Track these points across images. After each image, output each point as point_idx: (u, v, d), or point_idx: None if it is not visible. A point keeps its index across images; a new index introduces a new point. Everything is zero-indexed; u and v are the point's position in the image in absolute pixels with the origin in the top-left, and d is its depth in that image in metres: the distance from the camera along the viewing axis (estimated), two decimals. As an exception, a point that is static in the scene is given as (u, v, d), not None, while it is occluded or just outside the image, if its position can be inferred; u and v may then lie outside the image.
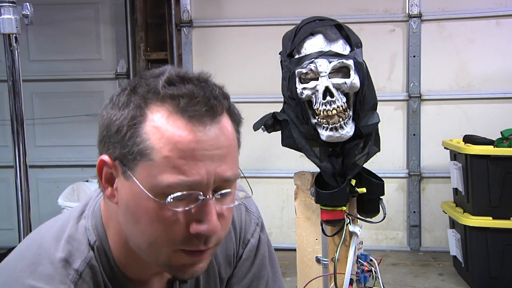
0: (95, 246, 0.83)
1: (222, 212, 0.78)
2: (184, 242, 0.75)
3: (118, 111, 0.75)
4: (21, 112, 1.83)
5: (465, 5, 3.67)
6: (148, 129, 0.73)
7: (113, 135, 0.75)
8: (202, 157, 0.73)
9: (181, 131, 0.72)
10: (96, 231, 0.84)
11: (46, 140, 4.01)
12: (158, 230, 0.75)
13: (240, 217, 1.02)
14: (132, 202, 0.75)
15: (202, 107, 0.73)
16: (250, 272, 1.04)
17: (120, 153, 0.74)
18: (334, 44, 1.40)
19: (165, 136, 0.72)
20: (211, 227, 0.74)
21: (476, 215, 2.93)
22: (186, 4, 3.88)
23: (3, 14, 1.74)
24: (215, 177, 0.74)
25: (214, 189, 0.75)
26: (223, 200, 0.78)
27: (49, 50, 4.01)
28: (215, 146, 0.74)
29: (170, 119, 0.73)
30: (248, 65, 3.83)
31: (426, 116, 3.76)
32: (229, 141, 0.77)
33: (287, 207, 3.86)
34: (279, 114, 1.49)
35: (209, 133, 0.74)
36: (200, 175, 0.73)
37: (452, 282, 3.19)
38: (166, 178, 0.72)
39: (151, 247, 0.76)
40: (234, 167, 0.78)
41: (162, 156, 0.72)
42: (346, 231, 1.47)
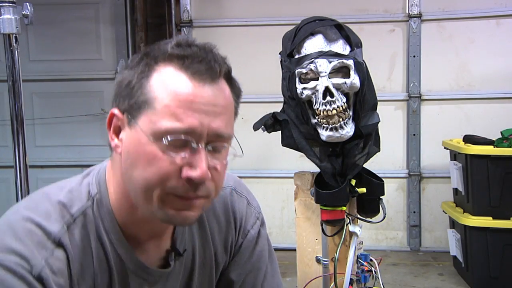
0: (95, 198, 0.91)
1: (214, 166, 0.85)
2: (176, 187, 0.82)
3: (130, 70, 0.86)
4: (21, 112, 1.83)
5: (465, 5, 3.67)
6: (154, 82, 0.83)
7: (123, 89, 0.86)
8: (198, 110, 0.82)
9: (183, 85, 0.82)
10: (98, 186, 0.92)
11: (46, 140, 4.01)
12: (154, 173, 0.82)
13: (241, 208, 1.08)
14: (133, 148, 0.84)
15: (203, 67, 0.83)
16: (249, 262, 1.07)
17: (128, 104, 0.85)
18: (334, 44, 1.40)
19: (168, 88, 0.82)
20: (200, 173, 0.81)
21: (476, 215, 2.93)
22: (186, 4, 3.88)
23: (3, 14, 1.74)
24: (209, 130, 0.83)
25: (208, 142, 0.83)
26: (216, 155, 0.86)
27: (49, 50, 4.00)
28: (211, 102, 0.83)
29: (175, 74, 0.83)
30: (248, 65, 3.83)
31: (426, 116, 3.76)
32: (226, 103, 0.86)
33: (287, 207, 3.86)
34: (279, 114, 1.49)
35: (208, 90, 0.83)
36: (194, 124, 0.81)
37: (452, 282, 3.19)
38: (164, 123, 0.81)
39: (146, 189, 0.83)
40: (228, 126, 0.86)
41: (163, 105, 0.81)
42: (346, 231, 1.47)
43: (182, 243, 1.00)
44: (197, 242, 1.03)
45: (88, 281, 0.88)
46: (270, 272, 1.11)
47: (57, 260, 0.83)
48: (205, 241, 1.04)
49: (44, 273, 0.81)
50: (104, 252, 0.90)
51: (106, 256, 0.90)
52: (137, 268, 0.93)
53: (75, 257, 0.86)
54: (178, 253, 0.98)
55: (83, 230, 0.88)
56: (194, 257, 1.02)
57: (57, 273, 0.83)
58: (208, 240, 1.04)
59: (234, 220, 1.07)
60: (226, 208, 1.08)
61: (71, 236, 0.86)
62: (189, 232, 1.02)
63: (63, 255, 0.84)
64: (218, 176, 0.87)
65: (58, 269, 0.83)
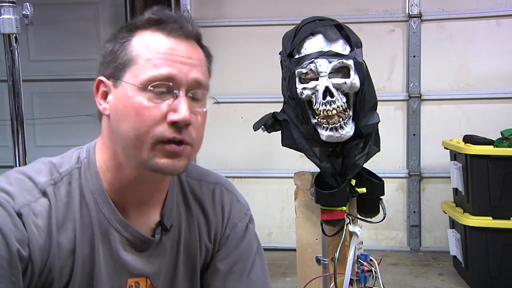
0: (83, 161, 1.00)
1: (195, 112, 0.95)
2: (163, 132, 0.91)
3: (112, 41, 0.97)
4: (21, 112, 1.83)
5: (465, 5, 3.67)
6: (136, 43, 0.94)
7: (107, 56, 0.96)
8: (177, 61, 0.93)
9: (161, 42, 0.93)
10: (87, 152, 1.01)
11: (46, 140, 4.01)
12: (142, 120, 0.91)
13: (230, 202, 1.15)
14: (121, 104, 0.93)
15: (178, 27, 0.95)
16: (235, 252, 1.12)
17: (113, 68, 0.95)
18: (334, 44, 1.40)
19: (148, 45, 0.93)
20: (183, 116, 0.91)
21: (476, 215, 2.93)
22: (186, 4, 3.88)
23: (3, 14, 1.74)
24: (188, 78, 0.93)
25: (188, 90, 0.93)
26: (196, 102, 0.96)
27: (49, 50, 4.01)
28: (187, 55, 0.94)
29: (153, 35, 0.94)
30: (248, 65, 3.83)
31: (426, 116, 3.76)
32: (200, 57, 0.98)
33: (287, 207, 3.86)
34: (279, 114, 1.49)
35: (183, 46, 0.95)
36: (173, 72, 0.92)
37: (452, 282, 3.19)
38: (147, 73, 0.91)
39: (137, 139, 0.91)
40: (204, 76, 0.97)
41: (145, 59, 0.92)
42: (346, 231, 1.47)
43: (169, 220, 1.05)
44: (183, 224, 1.08)
45: (69, 233, 0.94)
46: (259, 266, 1.13)
47: (40, 206, 0.92)
48: (191, 225, 1.09)
49: (24, 210, 0.90)
50: (88, 210, 0.97)
51: (90, 214, 0.97)
52: (121, 226, 0.98)
53: (58, 209, 0.94)
54: (165, 228, 1.04)
55: (69, 187, 0.96)
56: (180, 236, 1.07)
57: (37, 215, 0.91)
58: (194, 224, 1.09)
59: (222, 212, 1.13)
60: (214, 200, 1.13)
61: (56, 190, 0.95)
62: (177, 212, 1.07)
63: (46, 203, 0.93)
64: (199, 124, 0.97)
65: (38, 212, 0.91)
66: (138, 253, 1.01)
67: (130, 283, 1.01)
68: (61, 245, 0.93)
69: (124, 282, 1.00)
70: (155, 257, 1.03)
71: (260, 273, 1.13)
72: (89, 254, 0.96)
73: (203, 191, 1.13)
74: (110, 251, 0.98)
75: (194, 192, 1.12)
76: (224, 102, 3.83)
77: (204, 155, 3.93)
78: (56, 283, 0.93)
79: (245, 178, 3.84)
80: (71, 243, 0.94)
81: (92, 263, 0.96)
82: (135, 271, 1.01)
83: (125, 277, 1.00)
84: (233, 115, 3.84)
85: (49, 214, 0.93)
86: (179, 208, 1.08)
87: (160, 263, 1.04)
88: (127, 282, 1.00)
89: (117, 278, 0.99)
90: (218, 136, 3.85)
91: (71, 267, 0.94)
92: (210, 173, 1.18)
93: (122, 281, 1.00)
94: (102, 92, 0.98)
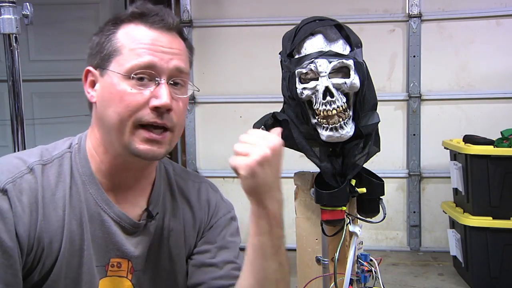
0: (74, 147, 1.06)
1: (176, 98, 1.01)
2: (144, 115, 0.97)
3: (98, 34, 1.05)
4: (21, 112, 1.83)
5: (465, 5, 3.67)
6: (120, 35, 1.01)
7: (94, 48, 1.04)
8: (158, 50, 0.99)
9: (144, 33, 1.00)
10: (79, 140, 1.08)
11: (46, 140, 3.96)
12: (125, 105, 0.97)
13: (215, 199, 1.21)
14: (107, 91, 1.00)
15: (160, 19, 1.01)
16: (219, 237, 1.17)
17: (99, 58, 1.02)
18: (334, 44, 1.40)
19: (132, 37, 1.00)
20: (164, 101, 0.97)
21: (476, 215, 2.93)
22: (186, 4, 3.88)
23: (3, 14, 1.74)
24: (169, 66, 0.99)
25: (169, 78, 1.00)
26: (177, 89, 1.02)
27: (49, 50, 4.00)
28: (168, 45, 1.01)
29: (136, 27, 1.01)
30: (248, 65, 3.83)
31: (426, 116, 3.76)
32: (181, 48, 1.04)
33: (287, 207, 3.83)
34: (279, 114, 1.49)
35: (165, 37, 1.01)
36: (154, 60, 0.98)
37: (452, 282, 3.19)
38: (130, 62, 0.98)
39: (119, 122, 0.97)
40: (185, 65, 1.03)
41: (129, 49, 0.99)
42: (346, 231, 1.47)
43: (155, 208, 1.10)
44: (168, 214, 1.13)
45: (58, 211, 0.99)
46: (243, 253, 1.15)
47: (25, 182, 0.96)
48: (176, 216, 1.15)
49: (9, 186, 0.94)
50: (77, 190, 1.02)
51: (79, 194, 1.02)
52: (108, 206, 1.04)
53: (45, 187, 0.98)
54: (151, 215, 1.09)
55: (60, 169, 1.02)
56: (163, 225, 1.12)
57: (22, 192, 0.95)
58: (179, 216, 1.15)
59: (208, 206, 1.19)
60: (200, 195, 1.18)
61: (45, 170, 1.00)
62: (162, 202, 1.12)
63: (32, 180, 0.97)
64: (180, 110, 1.02)
65: (23, 188, 0.95)
66: (123, 234, 1.05)
67: (112, 262, 1.05)
68: (49, 221, 0.97)
69: (107, 261, 1.05)
70: (139, 242, 1.07)
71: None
72: (77, 231, 1.01)
73: (189, 187, 1.19)
74: (98, 229, 1.03)
75: (180, 187, 1.18)
76: (224, 102, 3.83)
77: (204, 155, 3.93)
78: (46, 258, 0.97)
79: (245, 178, 3.83)
80: (59, 219, 0.99)
81: (81, 241, 1.01)
82: (119, 252, 1.05)
83: (108, 256, 1.04)
84: (233, 115, 3.84)
85: (34, 190, 0.97)
86: (165, 199, 1.14)
87: (143, 248, 1.08)
88: (110, 261, 1.05)
89: (103, 256, 1.04)
90: (218, 136, 3.85)
91: (60, 243, 0.98)
92: (197, 175, 1.26)
93: (105, 260, 1.04)
94: (90, 81, 1.05)
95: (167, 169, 1.19)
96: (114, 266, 1.05)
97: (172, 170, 1.19)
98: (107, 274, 1.05)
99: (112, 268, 1.05)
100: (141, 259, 1.08)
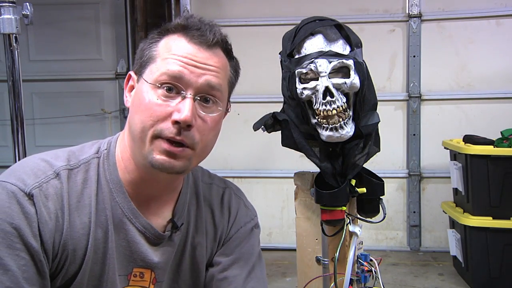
0: (103, 152, 1.04)
1: (202, 116, 0.98)
2: (164, 128, 0.94)
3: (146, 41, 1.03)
4: (21, 112, 1.83)
5: (465, 5, 3.67)
6: (161, 45, 1.00)
7: (138, 54, 1.03)
8: (191, 64, 0.97)
9: (181, 45, 0.98)
10: (108, 144, 1.06)
11: (46, 140, 4.01)
12: (149, 115, 0.95)
13: (237, 206, 1.18)
14: (137, 98, 0.99)
15: (200, 34, 0.99)
16: (237, 251, 1.14)
17: (139, 64, 1.01)
18: (334, 44, 1.40)
19: (169, 47, 0.99)
20: (184, 116, 0.93)
21: (476, 215, 2.93)
22: (186, 4, 3.88)
23: (3, 14, 1.74)
24: (198, 80, 0.96)
25: (197, 93, 0.97)
26: (205, 107, 0.99)
27: (49, 50, 4.01)
28: (203, 62, 0.98)
29: (177, 39, 1.00)
30: (248, 65, 3.80)
31: (426, 116, 3.76)
32: (219, 65, 1.01)
33: (287, 207, 3.86)
34: (279, 114, 1.49)
35: (203, 53, 0.99)
36: (184, 72, 0.96)
37: (452, 282, 3.19)
38: (160, 71, 0.96)
39: (142, 130, 0.96)
40: (219, 82, 1.00)
41: (162, 58, 0.98)
42: (346, 231, 1.47)
43: (180, 219, 1.08)
44: (192, 224, 1.11)
45: (83, 218, 0.97)
46: (258, 272, 1.14)
47: (51, 187, 0.94)
48: (199, 226, 1.12)
49: (35, 191, 0.92)
50: (103, 198, 1.00)
51: (104, 202, 1.00)
52: (134, 216, 1.02)
53: (71, 193, 0.97)
54: (176, 226, 1.07)
55: (86, 175, 1.00)
56: (188, 235, 1.10)
57: (48, 197, 0.93)
58: (202, 226, 1.12)
59: (228, 214, 1.16)
60: (223, 203, 1.16)
61: (72, 175, 0.98)
62: (188, 212, 1.10)
63: (58, 185, 0.96)
64: (206, 128, 0.99)
65: (49, 194, 0.94)
66: (148, 245, 1.04)
67: (135, 272, 1.04)
68: (74, 228, 0.96)
69: (130, 270, 1.03)
70: (163, 252, 1.06)
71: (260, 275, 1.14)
72: (102, 239, 0.99)
73: (213, 194, 1.17)
74: (122, 239, 1.01)
75: (205, 195, 1.16)
76: (224, 102, 3.82)
77: (204, 155, 3.92)
78: (70, 265, 0.96)
79: (245, 178, 3.84)
80: (85, 227, 0.97)
81: (105, 249, 0.99)
82: (143, 262, 1.04)
83: (132, 265, 1.03)
84: (233, 115, 3.84)
85: (60, 196, 0.95)
86: (190, 209, 1.12)
87: (167, 259, 1.07)
88: (133, 270, 1.04)
89: (126, 265, 1.03)
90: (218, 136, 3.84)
91: (85, 251, 0.97)
92: (221, 179, 1.22)
93: (129, 269, 1.03)
94: (129, 86, 1.05)
95: (195, 176, 1.17)
96: (136, 276, 1.04)
97: (200, 177, 1.17)
98: (129, 284, 1.04)
99: (135, 278, 1.04)
100: (164, 270, 1.07)
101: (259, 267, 1.15)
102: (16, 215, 0.90)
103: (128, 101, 1.03)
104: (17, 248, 0.89)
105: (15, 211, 0.90)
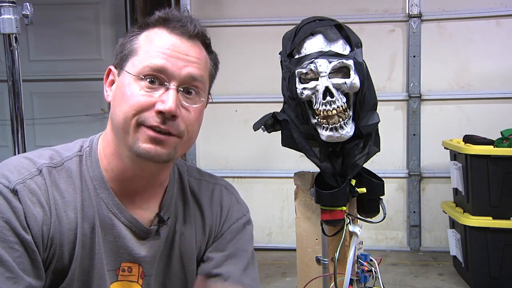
0: (85, 150, 1.05)
1: (186, 107, 0.99)
2: (148, 117, 0.96)
3: (125, 36, 1.04)
4: (21, 112, 1.83)
5: (465, 5, 3.67)
6: (141, 38, 1.01)
7: (118, 49, 1.03)
8: (173, 56, 0.98)
9: (163, 37, 0.99)
10: (90, 142, 1.07)
11: (46, 140, 4.01)
12: (131, 105, 0.96)
13: (229, 202, 1.18)
14: (119, 91, 0.99)
15: (181, 25, 1.00)
16: (230, 246, 1.14)
17: (120, 58, 1.02)
18: (334, 44, 1.40)
19: (151, 40, 0.99)
20: (168, 107, 0.95)
21: (476, 215, 2.93)
22: (186, 4, 3.89)
23: (3, 14, 1.74)
24: (181, 72, 0.98)
25: (180, 84, 0.98)
26: (189, 98, 1.00)
27: (49, 50, 4.01)
28: (185, 53, 0.99)
29: (158, 31, 1.01)
30: (248, 65, 3.83)
31: (426, 116, 3.76)
32: (199, 57, 1.02)
33: (287, 207, 3.86)
34: (279, 114, 1.49)
35: (184, 44, 1.00)
36: (166, 64, 0.97)
37: (452, 282, 3.19)
38: (143, 63, 0.97)
39: (124, 122, 0.96)
40: (200, 73, 1.01)
41: (144, 51, 0.99)
42: (346, 231, 1.47)
43: (167, 213, 1.09)
44: (180, 218, 1.12)
45: (69, 213, 0.99)
46: (252, 269, 1.15)
47: (35, 184, 0.96)
48: (188, 221, 1.13)
49: (19, 187, 0.94)
50: (89, 194, 1.01)
51: (90, 198, 1.01)
52: (119, 211, 1.03)
53: (54, 189, 0.98)
54: (162, 220, 1.08)
55: (69, 172, 1.01)
56: (175, 230, 1.11)
57: (32, 192, 0.95)
58: (190, 221, 1.13)
59: (220, 210, 1.16)
60: (212, 198, 1.16)
61: (55, 173, 1.00)
62: (174, 206, 1.11)
63: (41, 182, 0.97)
64: (190, 118, 1.00)
65: (33, 189, 0.95)
66: (134, 239, 1.05)
67: (123, 267, 1.05)
68: (61, 222, 0.97)
69: (118, 265, 1.04)
70: (150, 246, 1.07)
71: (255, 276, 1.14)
72: (89, 235, 1.00)
73: (202, 189, 1.17)
74: (109, 234, 1.02)
75: (193, 190, 1.16)
76: (224, 102, 3.83)
77: (204, 155, 3.92)
78: (58, 259, 0.97)
79: (245, 178, 3.84)
80: (71, 222, 0.98)
81: (92, 244, 1.00)
82: (130, 256, 1.04)
83: (119, 260, 1.04)
84: (233, 115, 3.84)
85: (45, 192, 0.97)
86: (177, 203, 1.13)
87: (154, 253, 1.07)
88: (121, 265, 1.04)
89: (114, 260, 1.03)
90: (218, 136, 3.85)
91: (73, 246, 0.98)
92: (212, 175, 1.22)
93: (117, 264, 1.04)
94: (109, 81, 1.05)
95: (181, 171, 1.17)
96: (125, 271, 1.05)
97: (186, 171, 1.18)
98: (118, 279, 1.04)
99: (123, 272, 1.04)
100: (152, 264, 1.07)
101: (253, 268, 1.15)
102: (4, 209, 0.91)
103: (109, 95, 1.04)
104: (10, 240, 0.90)
105: (3, 206, 0.91)
